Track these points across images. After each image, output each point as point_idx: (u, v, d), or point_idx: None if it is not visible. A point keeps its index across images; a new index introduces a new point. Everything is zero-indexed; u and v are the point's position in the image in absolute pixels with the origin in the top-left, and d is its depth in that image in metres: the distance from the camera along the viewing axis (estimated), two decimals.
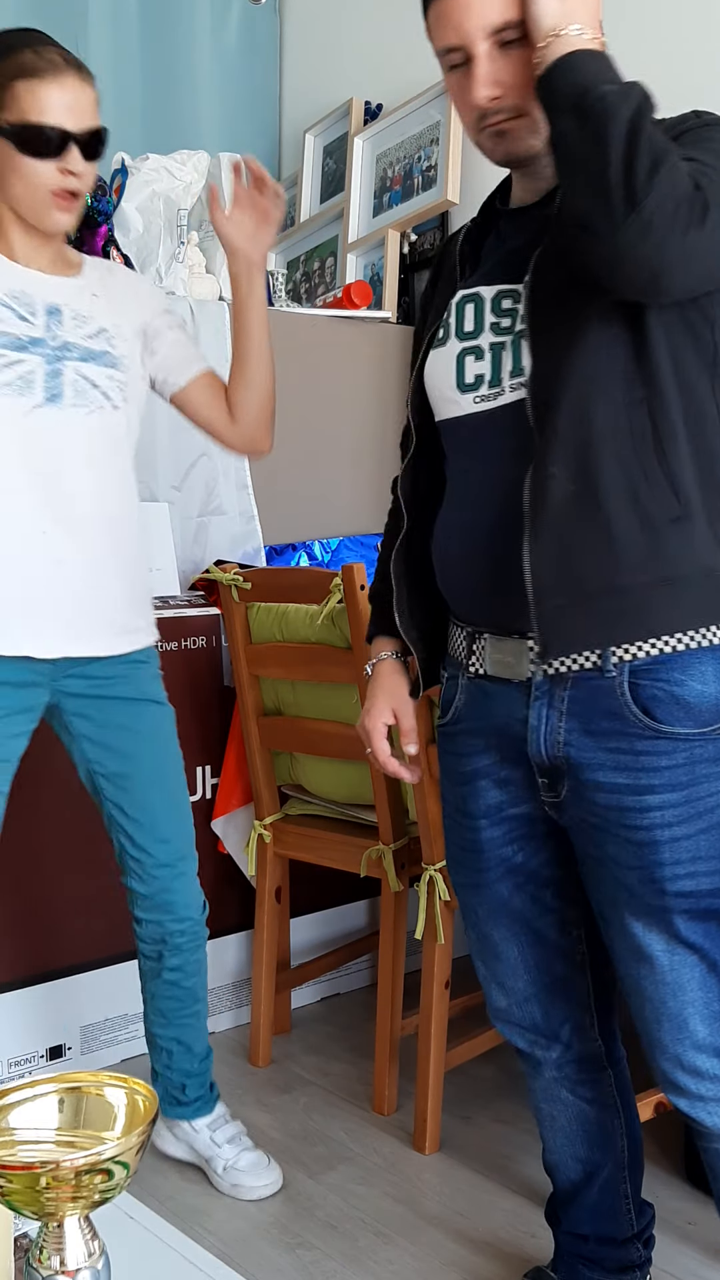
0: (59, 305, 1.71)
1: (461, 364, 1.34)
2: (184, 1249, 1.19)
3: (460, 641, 1.42)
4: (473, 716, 1.41)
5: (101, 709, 1.80)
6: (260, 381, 1.84)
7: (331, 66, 3.54)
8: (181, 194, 2.70)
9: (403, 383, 3.06)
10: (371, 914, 2.78)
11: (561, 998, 1.50)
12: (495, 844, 1.44)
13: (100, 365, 1.72)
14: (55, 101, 1.57)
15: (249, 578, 2.28)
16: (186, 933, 1.90)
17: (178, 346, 1.84)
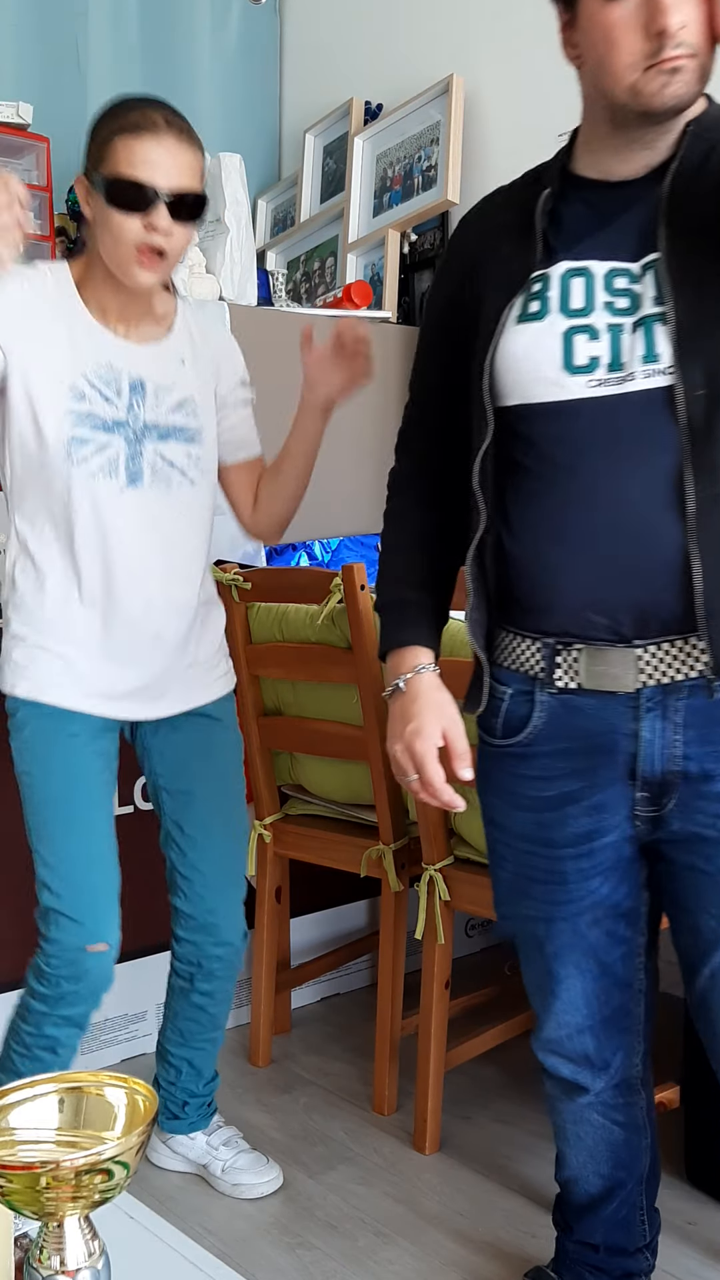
0: (143, 380, 1.70)
1: (570, 342, 1.23)
2: (184, 1249, 1.19)
3: (533, 654, 1.31)
4: (559, 736, 1.31)
5: (175, 726, 1.83)
6: (287, 495, 1.88)
7: (331, 66, 3.54)
8: None
9: (403, 382, 3.06)
10: (371, 914, 2.78)
11: (617, 1028, 1.45)
12: (582, 876, 1.35)
13: (179, 442, 1.73)
14: (148, 158, 1.56)
15: (249, 578, 2.28)
16: (224, 958, 1.90)
17: (241, 426, 1.87)
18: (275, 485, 1.87)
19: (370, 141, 3.27)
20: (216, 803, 1.87)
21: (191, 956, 1.90)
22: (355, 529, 2.99)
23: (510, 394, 1.29)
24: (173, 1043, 1.97)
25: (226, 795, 1.88)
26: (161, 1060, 1.99)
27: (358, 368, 1.76)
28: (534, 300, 1.26)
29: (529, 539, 1.28)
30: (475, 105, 3.02)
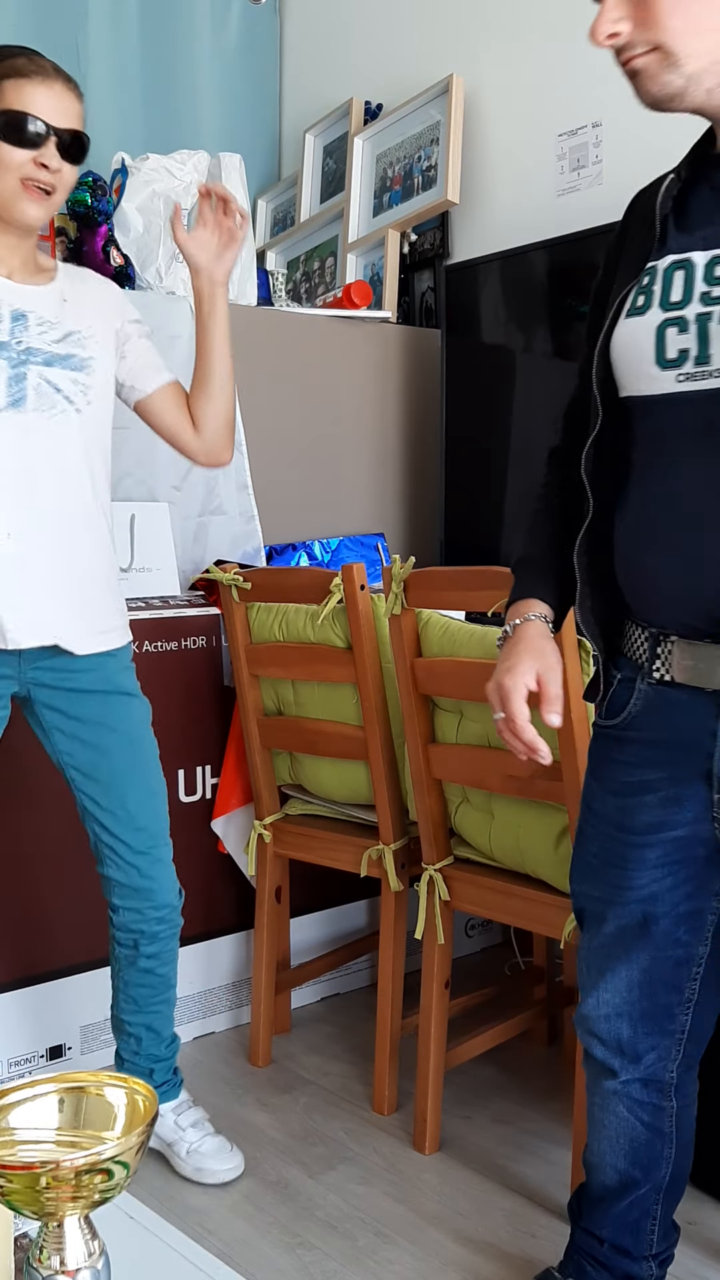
0: (24, 311, 1.73)
1: (662, 336, 1.21)
2: (184, 1249, 1.19)
3: (641, 643, 1.31)
4: (650, 725, 1.31)
5: (71, 702, 1.82)
6: (222, 395, 1.87)
7: (331, 66, 3.54)
8: (181, 194, 2.70)
9: (402, 383, 3.07)
10: (371, 914, 2.78)
11: (655, 1027, 1.43)
12: (647, 864, 1.35)
13: (65, 368, 1.74)
14: (39, 98, 1.64)
15: (249, 578, 2.28)
16: (164, 920, 1.92)
17: (145, 354, 1.87)
18: (205, 390, 1.87)
19: (370, 141, 3.27)
20: (130, 769, 1.86)
21: (132, 924, 1.91)
22: (355, 529, 2.99)
23: (622, 386, 1.29)
24: (127, 1012, 1.97)
25: (138, 761, 1.87)
26: (120, 1033, 1.99)
27: (227, 226, 1.80)
28: (641, 294, 1.24)
29: (625, 533, 1.29)
30: (475, 105, 3.02)
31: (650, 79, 1.15)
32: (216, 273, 1.83)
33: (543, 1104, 2.26)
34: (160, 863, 1.91)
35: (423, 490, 3.09)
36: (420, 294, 3.25)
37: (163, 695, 2.36)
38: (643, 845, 1.35)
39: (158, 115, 3.41)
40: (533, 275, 2.67)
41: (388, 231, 3.12)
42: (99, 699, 1.83)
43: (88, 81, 3.25)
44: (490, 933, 2.95)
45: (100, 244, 2.71)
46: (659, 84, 1.15)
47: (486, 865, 2.04)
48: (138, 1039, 1.98)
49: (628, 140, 2.63)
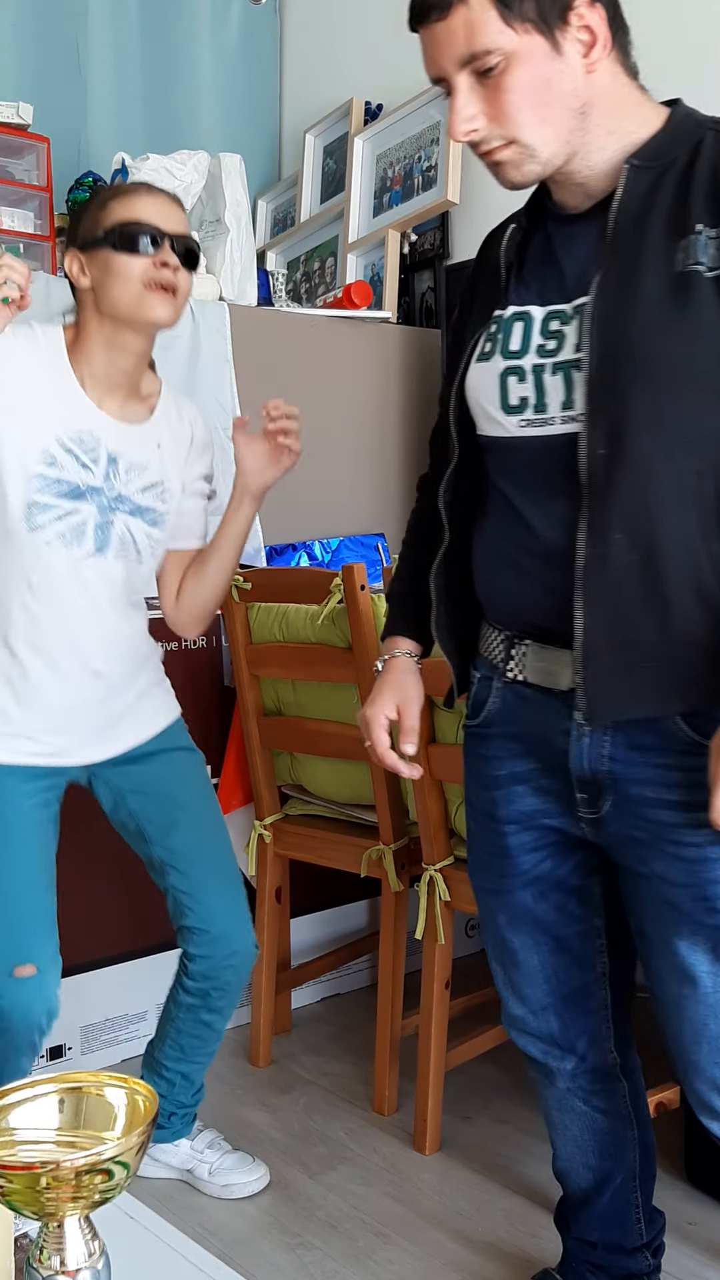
0: (116, 455, 1.73)
1: (505, 384, 1.28)
2: (184, 1249, 1.19)
3: (497, 645, 1.38)
4: (508, 721, 1.38)
5: (139, 765, 1.85)
6: (213, 587, 1.89)
7: (331, 66, 3.54)
8: (181, 194, 2.70)
9: (402, 383, 3.07)
10: (371, 914, 2.78)
11: (579, 1009, 1.47)
12: (523, 849, 1.40)
13: (144, 521, 1.77)
14: (147, 206, 1.67)
15: (249, 578, 2.28)
16: (238, 968, 1.89)
17: (189, 515, 1.88)
18: (199, 574, 1.88)
19: (370, 141, 3.27)
20: (202, 822, 1.88)
21: (207, 972, 1.87)
22: (355, 529, 2.99)
23: (476, 424, 1.36)
24: (170, 1057, 1.94)
25: (208, 812, 1.91)
26: (153, 1073, 1.96)
27: (286, 446, 1.80)
28: (489, 341, 1.31)
29: (482, 558, 1.36)
30: None
31: (513, 168, 1.22)
32: (253, 485, 1.83)
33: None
34: (240, 910, 1.89)
35: None
36: (420, 294, 3.25)
37: None
38: (520, 832, 1.40)
39: (158, 115, 3.40)
40: None
41: (388, 232, 3.12)
42: (164, 756, 1.87)
43: (88, 82, 3.25)
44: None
45: None
46: (521, 173, 1.22)
47: None
48: (170, 1084, 1.96)
49: None
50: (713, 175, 1.16)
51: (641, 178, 1.20)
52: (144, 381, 1.79)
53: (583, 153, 1.22)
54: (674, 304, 1.14)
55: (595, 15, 1.17)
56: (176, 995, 1.92)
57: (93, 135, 3.26)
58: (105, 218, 1.66)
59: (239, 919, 1.89)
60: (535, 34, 1.15)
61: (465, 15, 1.15)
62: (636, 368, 1.16)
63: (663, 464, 1.17)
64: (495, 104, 1.18)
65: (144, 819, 1.86)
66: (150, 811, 1.86)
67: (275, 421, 1.77)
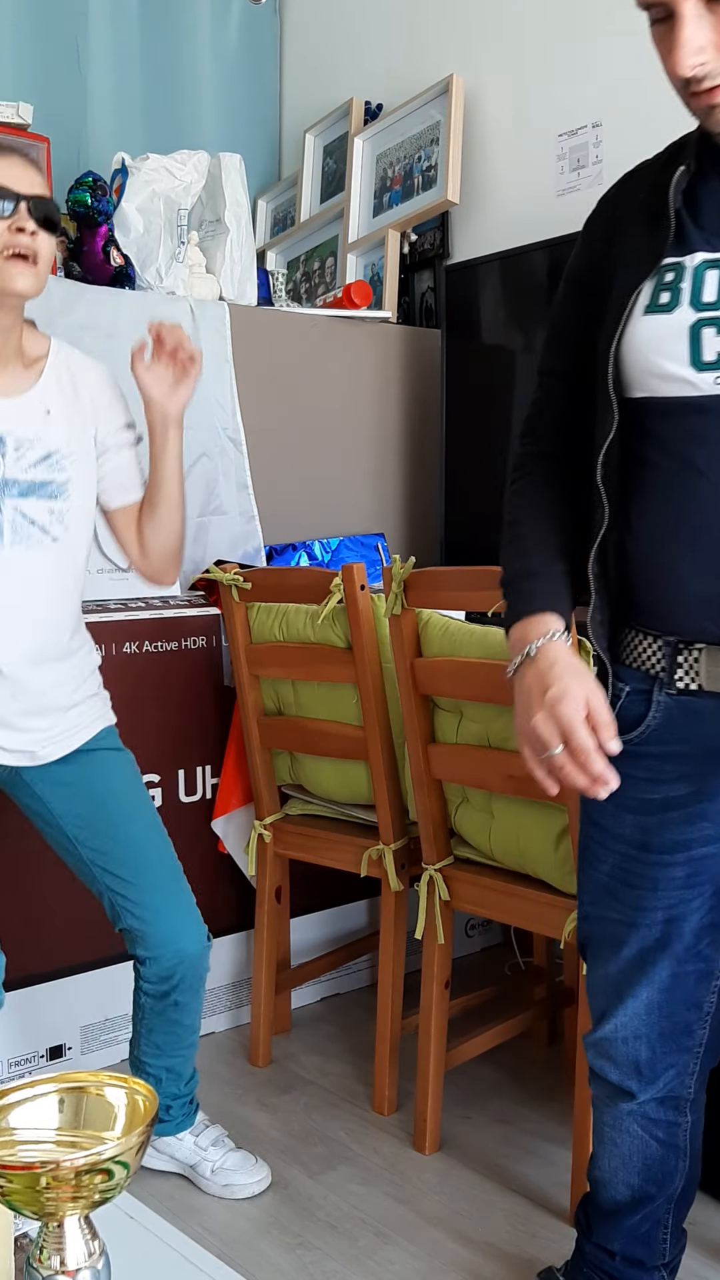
0: (2, 435, 1.68)
1: (697, 337, 1.16)
2: (184, 1249, 1.19)
3: (655, 653, 1.27)
4: (671, 738, 1.27)
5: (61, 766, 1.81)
6: (168, 526, 1.84)
7: (331, 66, 3.54)
8: (181, 194, 2.70)
9: (403, 383, 3.06)
10: (371, 914, 2.78)
11: (675, 1045, 1.39)
12: (674, 884, 1.31)
13: (41, 498, 1.71)
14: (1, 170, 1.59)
15: (249, 578, 2.28)
16: (193, 963, 1.86)
17: (122, 471, 1.84)
18: (152, 519, 1.84)
19: (370, 141, 3.27)
20: (131, 818, 1.83)
21: (160, 973, 1.84)
22: (355, 529, 2.99)
23: (637, 386, 1.23)
24: (149, 1055, 1.92)
25: (138, 809, 1.85)
26: (139, 1071, 1.94)
27: (182, 362, 1.77)
28: (664, 290, 1.19)
29: (653, 538, 1.23)
30: (475, 105, 3.02)
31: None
32: (169, 408, 1.79)
33: (543, 1104, 2.25)
34: (181, 904, 1.84)
35: (423, 490, 3.09)
36: (420, 294, 3.25)
37: (163, 695, 2.37)
38: (670, 864, 1.31)
39: (158, 115, 3.40)
40: (533, 275, 2.67)
41: (388, 231, 3.12)
42: (87, 756, 1.83)
43: (88, 82, 3.25)
44: (490, 933, 2.95)
45: (100, 244, 2.70)
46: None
47: (487, 865, 2.04)
48: (157, 1079, 1.95)
49: (628, 140, 2.63)
50: None
51: None
52: (27, 346, 1.73)
53: None
54: None
55: None
56: (138, 996, 1.89)
57: (93, 135, 3.26)
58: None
59: (183, 916, 1.83)
60: None
61: None
62: None
63: None
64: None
65: (70, 821, 1.80)
66: (79, 811, 1.80)
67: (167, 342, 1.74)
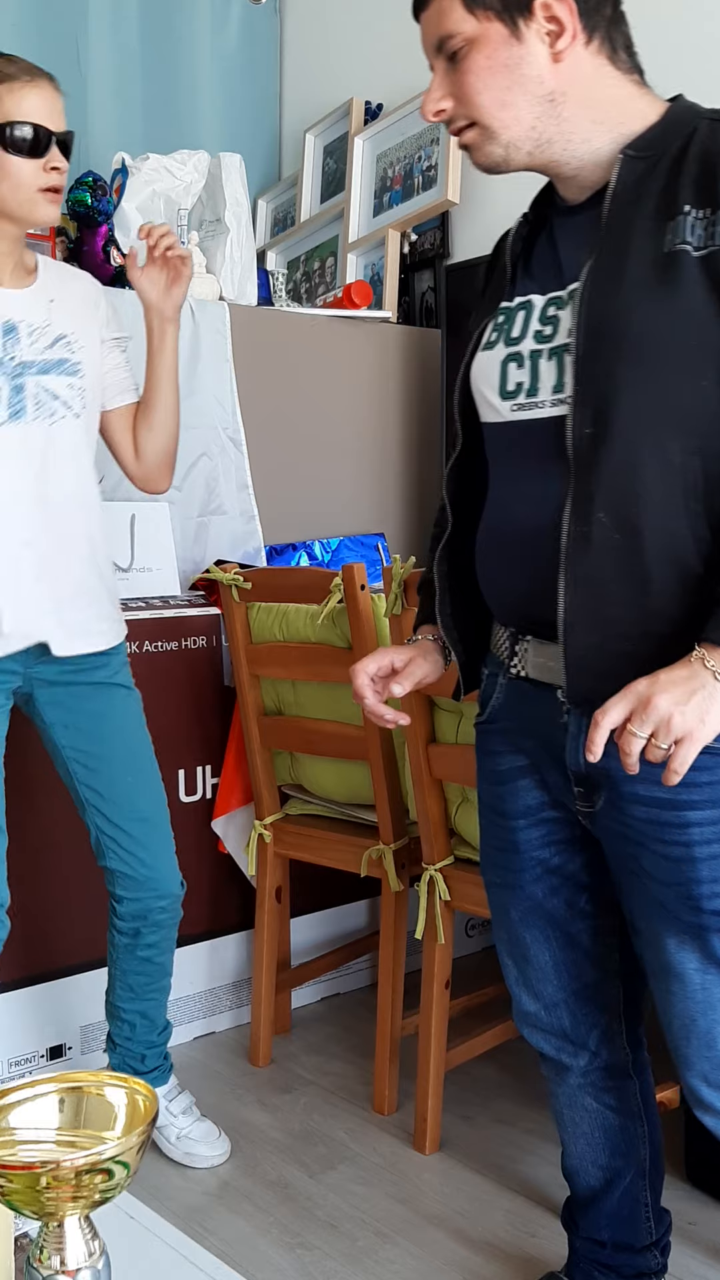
0: (15, 322, 1.76)
1: (505, 370, 1.31)
2: (184, 1249, 1.19)
3: (503, 641, 1.39)
4: (511, 716, 1.40)
5: (73, 695, 1.86)
6: (163, 428, 1.93)
7: (331, 66, 3.54)
8: (181, 194, 2.70)
9: (403, 383, 3.07)
10: (371, 914, 2.78)
11: (591, 1005, 1.48)
12: (532, 845, 1.42)
13: (60, 374, 1.79)
14: (36, 104, 1.68)
15: (249, 577, 2.28)
16: (167, 909, 1.95)
17: (117, 370, 1.92)
18: (148, 420, 1.92)
19: (370, 141, 3.27)
20: (130, 761, 1.90)
21: (134, 912, 1.93)
22: (355, 529, 2.99)
23: (480, 413, 1.39)
24: (123, 999, 1.99)
25: (138, 752, 1.91)
26: (114, 1018, 2.02)
27: (174, 264, 1.86)
28: (495, 330, 1.34)
29: (481, 543, 1.38)
30: None
31: (476, 150, 1.28)
32: (165, 308, 1.89)
33: (543, 1104, 2.25)
34: (163, 852, 1.93)
35: (423, 490, 3.09)
36: (420, 294, 3.25)
37: (163, 695, 2.37)
38: (528, 826, 1.42)
39: (158, 115, 3.40)
40: None
41: (388, 231, 3.12)
42: (99, 691, 1.87)
43: (88, 82, 3.25)
44: (490, 933, 2.95)
45: (100, 244, 2.71)
46: (483, 154, 1.28)
47: None
48: (131, 1025, 2.01)
49: None
50: (701, 158, 1.19)
51: (635, 167, 1.23)
52: (24, 258, 1.83)
53: (562, 142, 1.26)
54: (660, 284, 1.17)
55: (563, 8, 1.21)
56: (111, 936, 1.98)
57: (93, 135, 3.26)
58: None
59: (165, 863, 1.93)
60: (495, 21, 1.22)
61: (438, 4, 1.24)
62: (622, 347, 1.18)
63: (648, 443, 1.18)
64: (459, 85, 1.25)
65: (70, 754, 1.87)
66: (78, 747, 1.87)
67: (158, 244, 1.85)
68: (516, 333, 1.31)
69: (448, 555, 1.46)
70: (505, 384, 1.31)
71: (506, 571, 1.33)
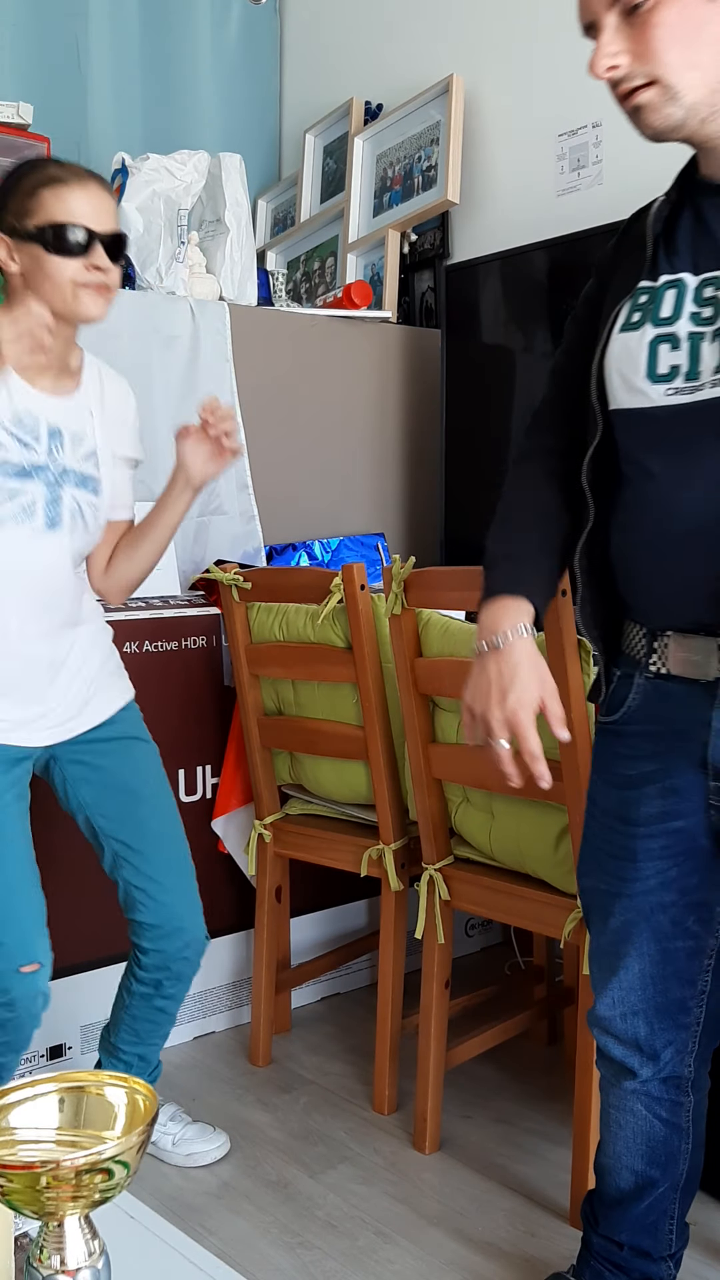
0: (60, 428, 1.75)
1: (654, 352, 1.26)
2: (184, 1249, 1.19)
3: (639, 639, 1.35)
4: (647, 718, 1.35)
5: (93, 752, 1.86)
6: (143, 563, 1.93)
7: (331, 66, 3.54)
8: (181, 194, 2.70)
9: (403, 383, 3.06)
10: (371, 914, 2.78)
11: (671, 1022, 1.44)
12: (651, 855, 1.37)
13: (88, 491, 1.79)
14: (80, 204, 1.66)
15: (249, 577, 2.28)
16: (191, 960, 1.93)
17: (122, 486, 1.90)
18: (133, 551, 1.91)
19: (370, 141, 3.27)
20: (157, 811, 1.90)
21: (160, 964, 1.91)
22: (355, 529, 2.99)
23: (613, 398, 1.33)
24: (126, 1041, 1.97)
25: (162, 802, 1.92)
26: (109, 1054, 1.99)
27: (224, 446, 1.84)
28: (637, 310, 1.29)
29: (623, 537, 1.33)
30: (475, 105, 3.02)
31: (653, 111, 1.20)
32: (196, 479, 1.86)
33: (543, 1104, 2.26)
34: (193, 901, 1.92)
35: (423, 490, 3.09)
36: (420, 294, 3.25)
37: (163, 695, 2.37)
38: (646, 836, 1.37)
39: (158, 115, 3.40)
40: (533, 275, 2.67)
41: (388, 231, 3.12)
42: (118, 746, 1.88)
43: (88, 82, 3.25)
44: (490, 932, 2.95)
45: None
46: (661, 116, 1.20)
47: (487, 865, 2.04)
48: (128, 1065, 1.99)
49: (628, 140, 2.62)
50: None
51: None
52: (72, 356, 1.81)
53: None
54: None
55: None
56: (129, 984, 1.95)
57: (93, 135, 3.26)
58: (36, 209, 1.65)
59: (192, 911, 1.91)
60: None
61: None
62: None
63: None
64: (641, 41, 1.17)
65: (95, 810, 1.87)
66: (102, 803, 1.87)
67: (215, 426, 1.81)
68: (668, 312, 1.25)
69: (588, 551, 1.38)
70: (655, 366, 1.25)
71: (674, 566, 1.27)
